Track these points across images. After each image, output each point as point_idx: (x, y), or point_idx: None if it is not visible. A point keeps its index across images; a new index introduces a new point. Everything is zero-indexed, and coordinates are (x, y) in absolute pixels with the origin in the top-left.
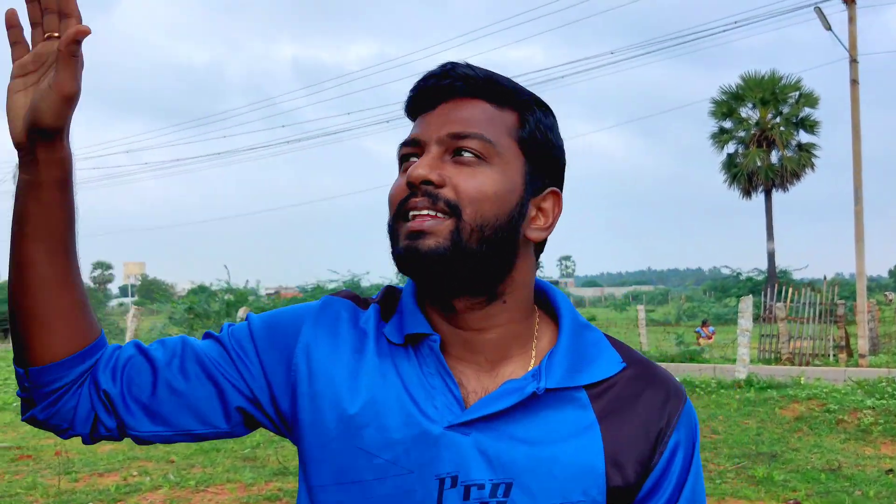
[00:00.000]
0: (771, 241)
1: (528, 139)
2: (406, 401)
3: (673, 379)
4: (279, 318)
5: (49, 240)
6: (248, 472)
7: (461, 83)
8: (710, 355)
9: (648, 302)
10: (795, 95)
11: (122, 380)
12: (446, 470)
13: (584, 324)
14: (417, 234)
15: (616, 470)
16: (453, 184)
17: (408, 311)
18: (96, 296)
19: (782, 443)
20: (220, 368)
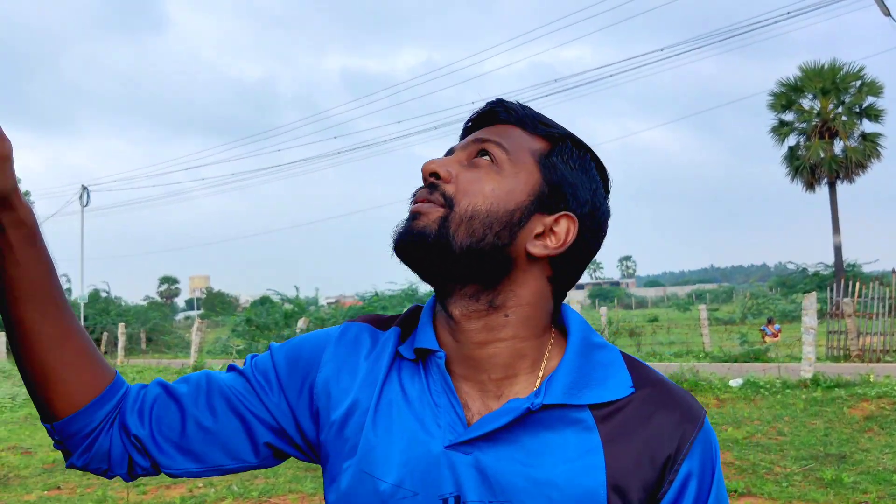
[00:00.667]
0: (837, 234)
1: (550, 164)
2: (411, 420)
3: (691, 401)
4: (300, 346)
5: (36, 297)
6: (310, 482)
7: (502, 111)
8: (775, 354)
9: (712, 300)
10: (857, 84)
11: (151, 421)
12: (448, 490)
13: (597, 344)
14: (412, 215)
15: (618, 496)
16: (458, 180)
17: (420, 327)
18: (163, 310)
19: (851, 443)
20: (245, 403)
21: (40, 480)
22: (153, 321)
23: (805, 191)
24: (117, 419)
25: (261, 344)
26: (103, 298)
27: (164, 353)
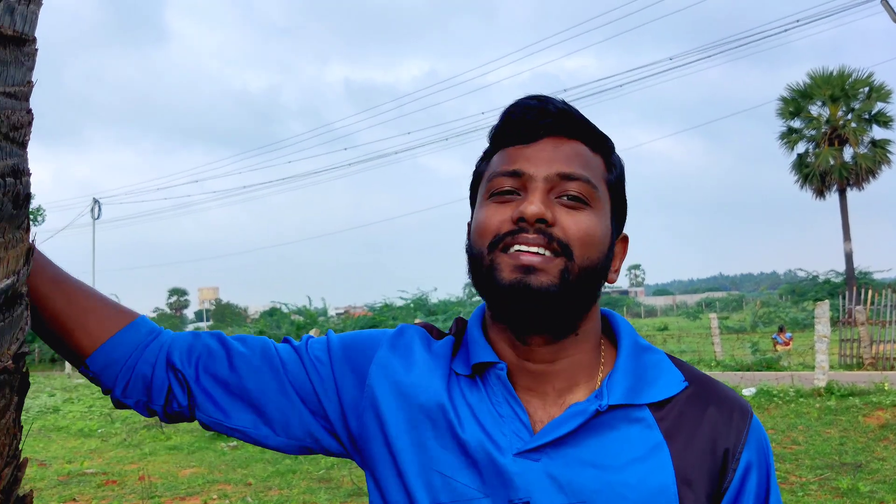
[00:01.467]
0: (848, 241)
1: (614, 184)
2: (476, 429)
3: (737, 396)
4: (356, 339)
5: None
6: (324, 493)
7: (567, 124)
8: (788, 363)
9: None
10: (866, 90)
11: (199, 364)
12: (519, 496)
13: (644, 346)
14: (528, 268)
15: (688, 489)
16: (562, 225)
17: (473, 342)
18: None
19: (867, 452)
20: (293, 380)
21: (56, 492)
22: None
23: (815, 198)
24: (163, 355)
25: None
26: None
27: None
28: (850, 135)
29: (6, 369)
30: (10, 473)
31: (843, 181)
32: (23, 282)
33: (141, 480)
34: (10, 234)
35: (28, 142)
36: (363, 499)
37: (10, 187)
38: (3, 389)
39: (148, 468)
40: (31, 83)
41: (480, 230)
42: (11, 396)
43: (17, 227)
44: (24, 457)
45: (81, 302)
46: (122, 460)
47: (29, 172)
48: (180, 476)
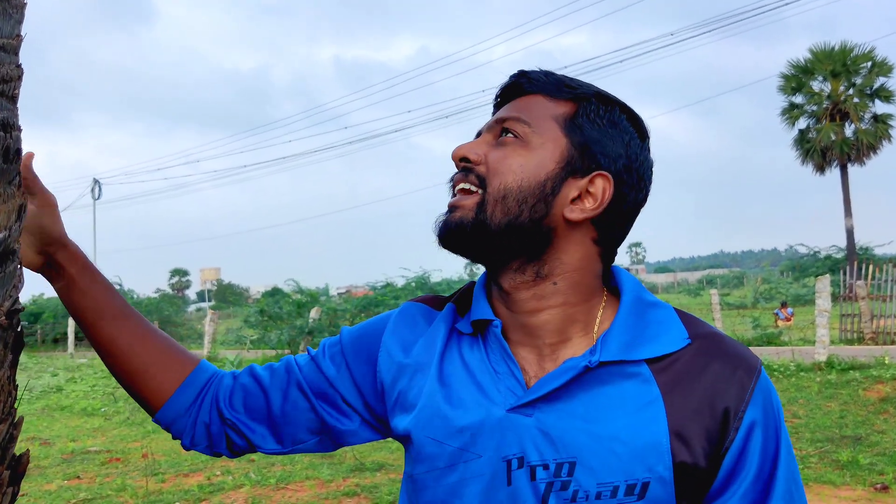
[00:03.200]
0: (849, 217)
1: (575, 125)
2: (472, 388)
3: (746, 352)
4: (364, 328)
5: (106, 315)
6: (326, 469)
7: (525, 82)
8: (789, 337)
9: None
10: (868, 65)
11: (243, 406)
12: (512, 451)
13: (650, 302)
14: (450, 208)
15: (682, 444)
16: (487, 161)
17: (475, 300)
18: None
19: (867, 425)
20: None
21: (60, 470)
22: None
23: (816, 174)
24: (214, 404)
25: (273, 334)
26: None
27: None
28: (852, 110)
29: (0, 325)
30: (5, 430)
31: (845, 156)
32: (15, 238)
33: (144, 458)
34: (1, 188)
35: (18, 96)
36: (365, 474)
37: (0, 140)
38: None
39: (151, 446)
40: (20, 36)
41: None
42: (6, 353)
43: (8, 182)
44: (20, 415)
45: (148, 347)
46: (126, 438)
47: (19, 127)
48: (183, 453)
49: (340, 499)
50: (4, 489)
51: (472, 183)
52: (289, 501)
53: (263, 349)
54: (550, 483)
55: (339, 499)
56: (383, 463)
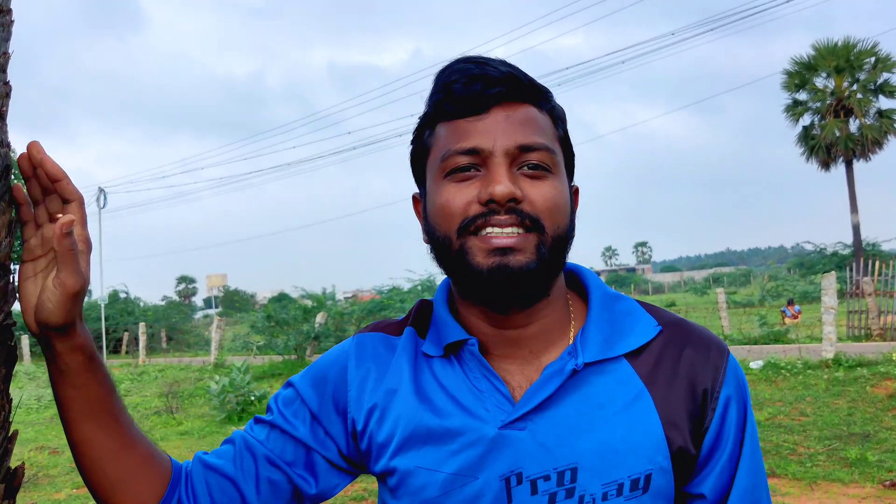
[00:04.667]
0: (855, 213)
1: (563, 138)
2: (455, 410)
3: (712, 335)
4: (323, 372)
5: (96, 417)
6: None
7: (511, 87)
8: (796, 335)
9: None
10: (872, 61)
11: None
12: (509, 468)
13: (614, 295)
14: (505, 250)
15: (675, 431)
16: (529, 199)
17: (441, 322)
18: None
19: (875, 422)
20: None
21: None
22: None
23: (821, 170)
24: None
25: (280, 339)
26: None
27: (185, 351)
28: (856, 106)
29: None
30: (0, 444)
31: (850, 152)
32: (6, 253)
33: None
34: None
35: (6, 113)
36: (373, 479)
37: None
38: None
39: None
40: (7, 54)
41: (444, 213)
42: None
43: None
44: (15, 429)
45: (132, 456)
46: None
47: (8, 144)
48: None
49: (348, 503)
50: (1, 502)
51: (524, 227)
52: None
53: (270, 354)
54: (554, 494)
55: (346, 503)
56: None
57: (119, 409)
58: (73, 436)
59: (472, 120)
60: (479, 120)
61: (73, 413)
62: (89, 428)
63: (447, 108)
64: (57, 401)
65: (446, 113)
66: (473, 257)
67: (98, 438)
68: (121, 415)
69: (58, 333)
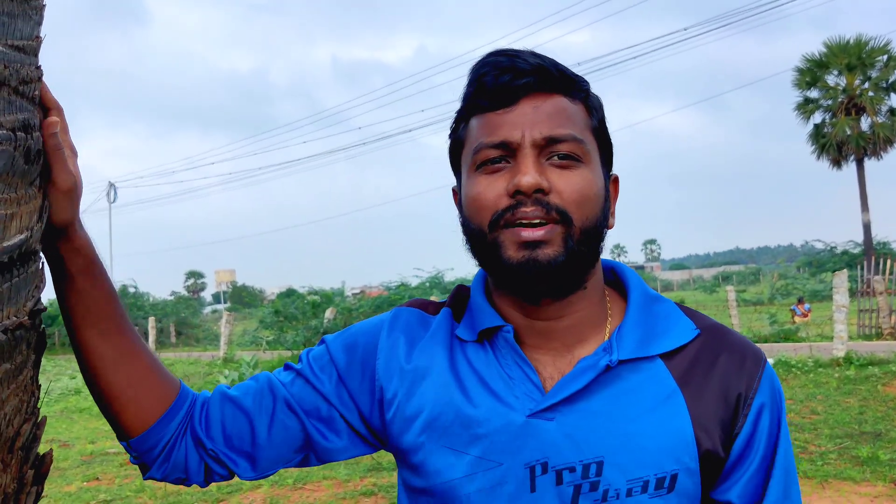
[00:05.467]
0: (866, 211)
1: (598, 129)
2: (486, 395)
3: (749, 342)
4: (355, 336)
5: (98, 323)
6: (343, 468)
7: (540, 78)
8: (806, 334)
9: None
10: (884, 59)
11: (223, 434)
12: (535, 457)
13: (654, 296)
14: (534, 244)
15: (704, 434)
16: (557, 189)
17: (477, 308)
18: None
19: (887, 421)
20: (306, 406)
21: (79, 472)
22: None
23: (832, 168)
24: (189, 431)
25: (289, 335)
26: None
27: (194, 346)
28: (868, 104)
29: (23, 325)
30: (28, 430)
31: (861, 151)
32: (37, 238)
33: None
34: (22, 189)
35: (38, 98)
36: (382, 473)
37: (21, 142)
38: (21, 345)
39: None
40: (39, 38)
41: (476, 206)
42: (28, 353)
43: (29, 183)
44: (43, 415)
45: (135, 366)
46: None
47: (39, 129)
48: None
49: (358, 498)
50: (28, 489)
51: (552, 220)
52: (307, 501)
53: (279, 349)
54: (578, 486)
55: (356, 498)
56: None
57: (121, 317)
58: (77, 344)
59: (502, 112)
60: (509, 112)
61: (76, 319)
62: (91, 335)
63: (478, 102)
64: (61, 308)
65: (478, 106)
66: (505, 251)
67: (100, 346)
68: (123, 323)
69: (58, 234)
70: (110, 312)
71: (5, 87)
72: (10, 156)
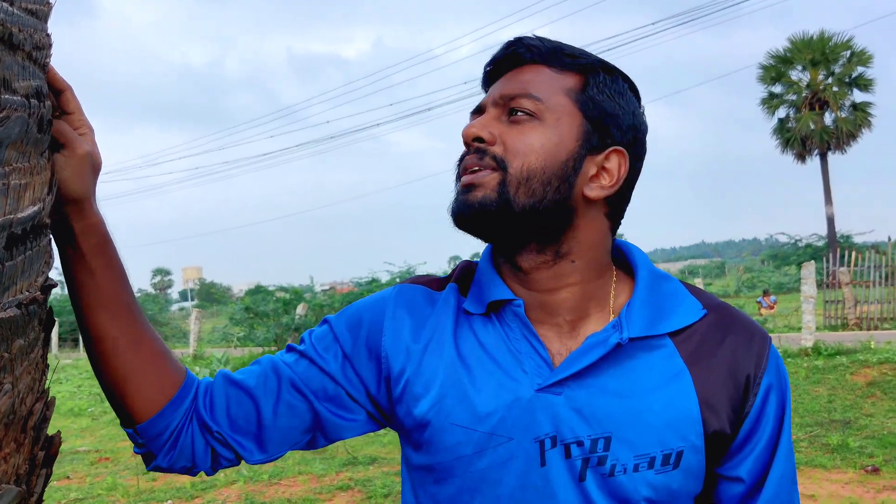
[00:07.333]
0: (829, 205)
1: (587, 99)
2: (494, 369)
3: (754, 322)
4: (359, 314)
5: (109, 306)
6: (319, 463)
7: (524, 51)
8: (773, 325)
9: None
10: (847, 54)
11: (228, 419)
12: (544, 431)
13: (661, 275)
14: (467, 187)
15: (711, 413)
16: (503, 140)
17: (486, 280)
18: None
19: (855, 409)
20: (312, 387)
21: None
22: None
23: (796, 162)
24: (195, 417)
25: (259, 331)
26: None
27: None
28: (831, 99)
29: (35, 300)
30: (40, 410)
31: (824, 145)
32: (48, 211)
33: (134, 457)
34: (34, 159)
35: (48, 65)
36: (358, 468)
37: (34, 109)
38: (33, 322)
39: None
40: (49, 4)
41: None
42: (39, 330)
43: (40, 153)
44: (52, 395)
45: (144, 351)
46: (115, 438)
47: (49, 96)
48: None
49: (334, 493)
50: (39, 471)
51: (488, 166)
52: (282, 497)
53: (250, 346)
54: (587, 459)
55: (332, 493)
56: (376, 457)
57: (131, 301)
58: (86, 326)
59: (493, 87)
60: (494, 84)
61: (86, 300)
62: (101, 318)
63: (483, 83)
64: (70, 288)
65: (483, 87)
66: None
67: (109, 329)
68: (133, 307)
69: (74, 209)
70: (121, 295)
71: (20, 51)
72: (24, 122)
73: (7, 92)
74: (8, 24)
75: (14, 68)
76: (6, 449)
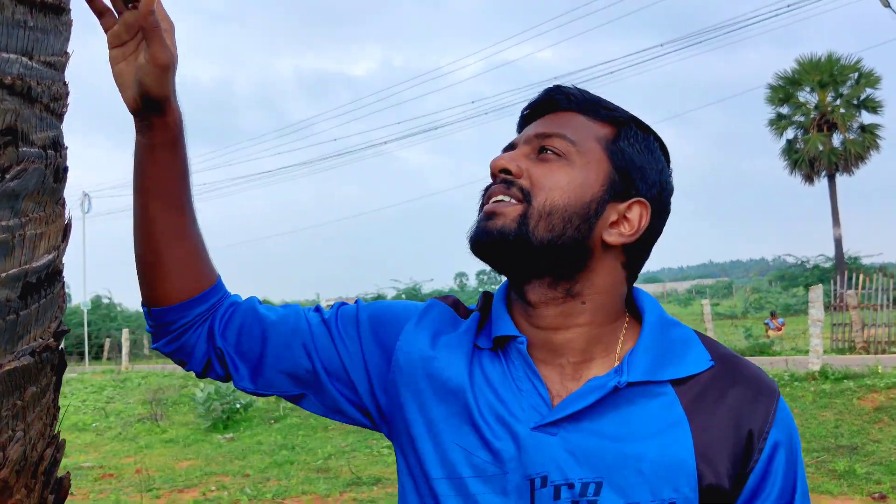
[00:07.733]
0: (837, 227)
1: (617, 149)
2: (496, 404)
3: (764, 375)
4: (386, 311)
5: (165, 196)
6: (322, 483)
7: (562, 98)
8: (780, 347)
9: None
10: (855, 76)
11: (236, 338)
12: (536, 470)
13: (670, 322)
14: (489, 215)
15: (708, 467)
16: (530, 174)
17: (496, 315)
18: None
19: (862, 434)
20: (321, 351)
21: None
22: None
23: (804, 184)
24: (207, 323)
25: None
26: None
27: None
28: (839, 120)
29: (49, 347)
30: (50, 455)
31: (832, 166)
32: (61, 258)
33: (138, 473)
34: (50, 207)
35: (65, 115)
36: (362, 488)
37: (51, 159)
38: (45, 368)
39: (144, 461)
40: (67, 54)
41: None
42: (51, 375)
43: (55, 201)
44: (63, 439)
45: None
46: (118, 454)
47: (66, 146)
48: (177, 468)
49: None
50: None
51: (514, 196)
52: None
53: None
54: (576, 503)
55: None
56: (380, 477)
57: (187, 197)
58: (139, 209)
59: (527, 128)
60: (530, 126)
61: (146, 187)
62: (156, 206)
63: (518, 127)
64: (134, 175)
65: (518, 130)
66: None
67: (161, 217)
68: (186, 205)
69: (155, 107)
70: (180, 189)
71: (38, 103)
72: (41, 174)
73: (25, 144)
74: (27, 79)
75: (32, 120)
76: (17, 495)
